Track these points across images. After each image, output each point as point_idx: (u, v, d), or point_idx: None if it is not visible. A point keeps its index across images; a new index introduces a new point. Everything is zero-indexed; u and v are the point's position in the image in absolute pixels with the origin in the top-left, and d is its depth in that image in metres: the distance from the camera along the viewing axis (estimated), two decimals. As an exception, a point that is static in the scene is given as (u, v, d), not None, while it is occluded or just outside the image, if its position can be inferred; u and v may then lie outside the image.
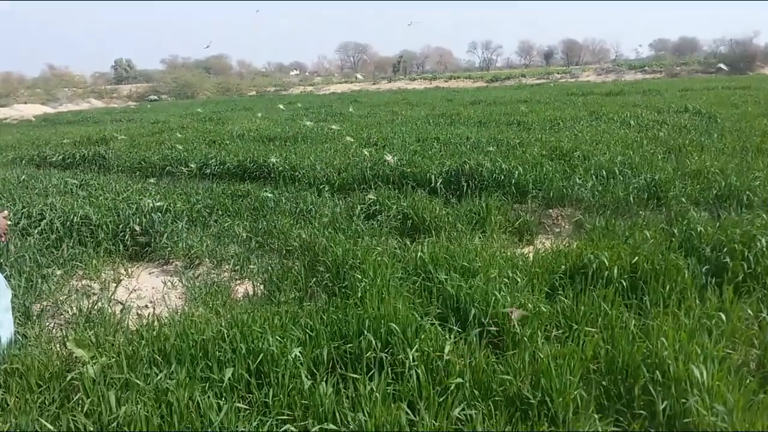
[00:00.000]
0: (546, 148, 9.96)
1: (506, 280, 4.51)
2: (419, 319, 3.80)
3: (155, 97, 59.25)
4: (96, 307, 4.80)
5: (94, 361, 3.52)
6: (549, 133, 12.20)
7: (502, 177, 7.88)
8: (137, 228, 6.56)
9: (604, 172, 7.93)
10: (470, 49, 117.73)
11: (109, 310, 4.72)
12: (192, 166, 10.34)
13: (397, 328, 3.60)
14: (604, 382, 3.29)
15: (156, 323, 4.14)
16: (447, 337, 3.64)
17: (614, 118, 14.55)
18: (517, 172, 7.89)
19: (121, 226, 6.63)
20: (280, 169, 9.54)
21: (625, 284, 4.47)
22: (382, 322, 3.68)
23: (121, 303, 5.04)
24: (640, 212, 6.74)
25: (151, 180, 9.80)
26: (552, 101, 21.88)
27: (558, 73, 62.55)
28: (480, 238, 6.06)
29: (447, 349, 3.42)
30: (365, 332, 3.61)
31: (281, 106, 23.99)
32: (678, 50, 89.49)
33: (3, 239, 4.12)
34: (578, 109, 17.85)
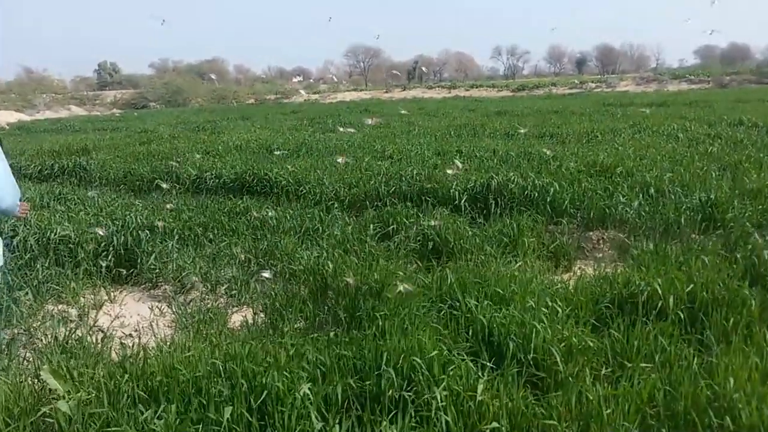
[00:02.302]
0: (583, 162, 9.88)
1: (545, 309, 4.40)
2: (447, 352, 3.68)
3: (143, 104, 59.78)
4: (74, 335, 4.72)
5: (70, 396, 3.42)
6: (586, 147, 12.14)
7: (535, 194, 7.79)
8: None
9: (653, 190, 7.81)
10: (494, 54, 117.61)
11: (89, 339, 4.64)
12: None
13: (421, 362, 3.48)
14: (663, 430, 3.16)
15: (142, 354, 4.05)
16: (479, 374, 3.52)
17: (659, 130, 14.48)
18: (552, 189, 7.80)
19: (103, 245, 6.57)
20: (283, 183, 9.50)
21: (682, 316, 4.34)
22: (404, 355, 3.56)
23: (103, 331, 4.96)
24: (693, 236, 6.61)
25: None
26: (587, 112, 21.87)
27: (592, 82, 62.65)
28: (512, 262, 5.96)
29: (480, 388, 3.30)
30: (385, 367, 3.50)
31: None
32: (727, 58, 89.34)
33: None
34: (617, 120, 17.81)
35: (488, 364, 3.73)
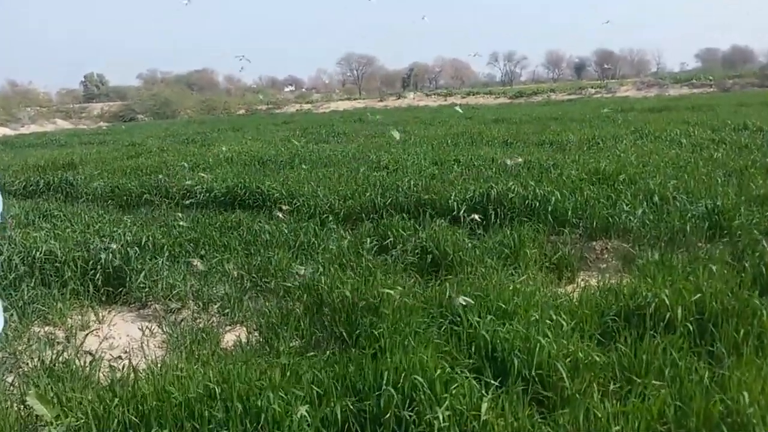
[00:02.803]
0: (585, 170, 9.88)
1: (549, 323, 4.37)
2: (449, 370, 3.65)
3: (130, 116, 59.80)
4: (61, 358, 4.67)
5: (58, 422, 3.38)
6: (587, 154, 12.17)
7: (536, 204, 7.78)
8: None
9: (657, 198, 7.80)
10: (490, 60, 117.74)
11: (77, 362, 4.58)
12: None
13: (423, 381, 3.45)
14: (675, 447, 3.14)
15: (132, 377, 4.01)
16: (483, 392, 3.49)
17: (662, 136, 14.52)
18: (554, 197, 7.78)
19: (91, 263, 6.52)
20: (276, 196, 9.47)
21: (691, 328, 4.31)
22: (405, 374, 3.53)
23: (91, 353, 4.91)
24: (700, 244, 6.60)
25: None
26: (588, 119, 21.91)
27: (592, 88, 62.86)
28: (513, 274, 5.93)
29: (484, 407, 3.27)
30: (385, 386, 3.46)
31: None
32: (729, 61, 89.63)
33: None
34: (618, 126, 17.85)
35: (492, 381, 3.70)
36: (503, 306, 4.66)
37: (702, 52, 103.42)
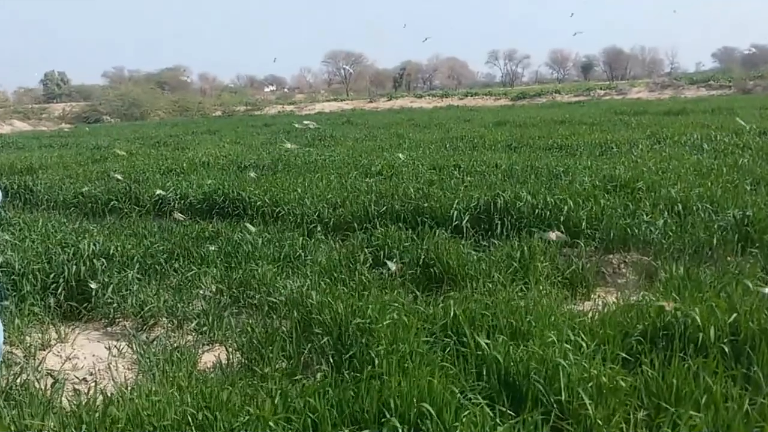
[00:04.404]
0: (599, 177, 9.85)
1: (567, 344, 4.30)
2: (459, 396, 3.56)
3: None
4: (19, 380, 4.59)
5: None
6: (600, 160, 12.17)
7: (547, 213, 7.73)
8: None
9: (680, 207, 7.76)
10: (490, 59, 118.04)
11: (37, 385, 4.53)
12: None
13: (430, 409, 3.36)
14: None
15: (99, 401, 3.92)
16: (497, 420, 3.40)
17: (681, 141, 14.56)
18: (566, 206, 7.73)
19: (53, 276, 6.44)
20: (258, 203, 9.41)
21: (726, 350, 4.24)
22: (409, 399, 3.44)
23: (53, 375, 4.83)
24: (728, 258, 6.55)
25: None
26: (598, 122, 21.97)
27: (601, 89, 63.13)
28: (524, 290, 5.87)
29: (499, 438, 3.19)
30: (387, 415, 3.37)
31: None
32: (749, 61, 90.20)
33: None
34: (633, 130, 17.91)
35: (507, 409, 3.62)
36: (516, 324, 4.59)
37: (720, 51, 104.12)
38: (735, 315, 4.55)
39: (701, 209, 7.78)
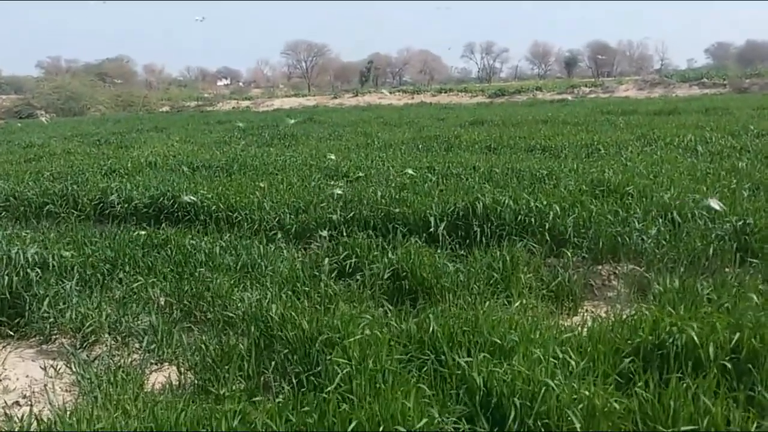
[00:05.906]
0: (585, 180, 9.92)
1: (554, 361, 4.31)
2: (437, 418, 3.55)
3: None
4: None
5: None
6: (586, 162, 12.26)
7: (531, 219, 7.76)
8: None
9: (675, 214, 7.83)
10: (465, 53, 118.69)
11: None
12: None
13: (406, 433, 3.35)
14: None
15: (34, 427, 3.85)
16: (479, 447, 3.40)
17: (673, 142, 14.71)
18: (552, 212, 7.77)
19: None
20: (212, 208, 9.35)
21: (729, 367, 4.28)
22: (383, 424, 3.42)
23: (-21, 399, 4.75)
24: (727, 269, 6.62)
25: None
26: (584, 122, 22.14)
27: (586, 86, 63.62)
28: (505, 303, 5.88)
29: (482, 465, 3.18)
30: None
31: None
32: (744, 58, 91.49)
33: None
34: (621, 131, 18.06)
35: (488, 432, 3.62)
36: (498, 342, 4.59)
37: (713, 47, 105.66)
38: (738, 334, 4.58)
39: (697, 216, 7.84)
